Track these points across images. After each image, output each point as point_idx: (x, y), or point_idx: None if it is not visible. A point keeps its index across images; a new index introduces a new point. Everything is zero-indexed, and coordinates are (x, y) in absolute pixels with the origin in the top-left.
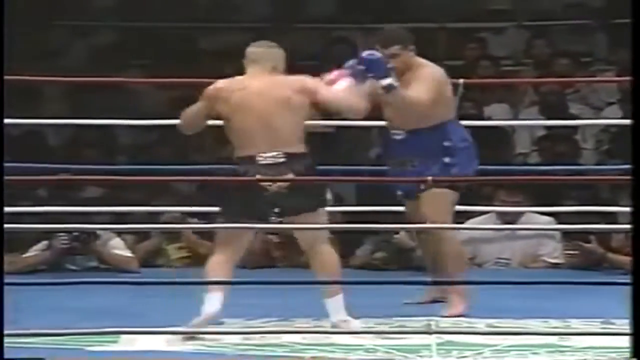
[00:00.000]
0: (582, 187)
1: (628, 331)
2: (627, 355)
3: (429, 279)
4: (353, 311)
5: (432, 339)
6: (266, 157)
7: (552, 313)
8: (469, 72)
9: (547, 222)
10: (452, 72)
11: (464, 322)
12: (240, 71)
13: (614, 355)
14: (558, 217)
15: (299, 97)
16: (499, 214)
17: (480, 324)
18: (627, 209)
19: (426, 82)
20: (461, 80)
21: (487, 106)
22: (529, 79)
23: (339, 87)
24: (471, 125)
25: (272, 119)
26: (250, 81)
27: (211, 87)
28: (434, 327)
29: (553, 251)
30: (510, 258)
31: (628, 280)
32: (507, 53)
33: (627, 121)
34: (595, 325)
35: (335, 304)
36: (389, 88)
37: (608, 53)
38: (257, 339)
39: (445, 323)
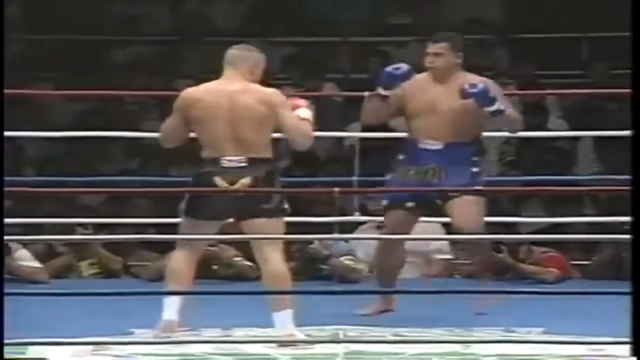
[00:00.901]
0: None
1: (531, 339)
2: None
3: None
4: (260, 320)
5: (340, 348)
6: (229, 160)
7: (456, 322)
8: (373, 85)
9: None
10: (357, 85)
11: (371, 332)
12: (151, 83)
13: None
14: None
15: (261, 107)
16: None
17: (387, 333)
18: (528, 219)
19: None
20: (366, 93)
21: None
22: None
23: (301, 113)
24: (378, 137)
25: (238, 125)
26: (221, 85)
27: (181, 95)
28: (341, 337)
29: (443, 247)
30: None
31: (628, 290)
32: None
33: (530, 133)
34: (497, 334)
35: (284, 318)
36: (495, 114)
37: (509, 67)
38: (166, 349)
39: (353, 332)
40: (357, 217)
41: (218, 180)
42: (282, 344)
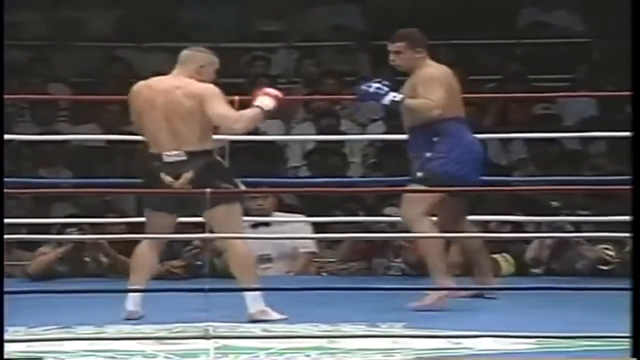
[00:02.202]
0: (350, 198)
1: (395, 333)
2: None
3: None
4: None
5: (210, 344)
6: (169, 155)
7: (322, 318)
8: (247, 90)
9: (303, 225)
10: (227, 89)
11: (240, 327)
12: (24, 87)
13: None
14: (328, 226)
15: (190, 101)
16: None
17: (256, 329)
18: (394, 218)
19: (429, 84)
20: (236, 98)
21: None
22: (302, 96)
23: (257, 101)
24: (245, 140)
25: (173, 119)
26: (160, 82)
27: (136, 86)
28: (211, 332)
29: (310, 245)
30: (271, 253)
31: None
32: (279, 72)
33: (392, 136)
34: (361, 329)
35: (252, 295)
36: (392, 105)
37: (370, 72)
38: (38, 346)
39: (223, 328)
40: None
41: (163, 176)
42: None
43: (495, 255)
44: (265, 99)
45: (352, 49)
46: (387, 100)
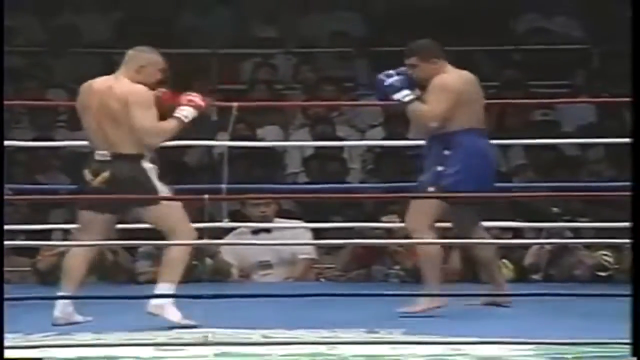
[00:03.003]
0: (350, 204)
1: (394, 339)
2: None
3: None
4: (134, 324)
5: (210, 350)
6: (99, 154)
7: (321, 324)
8: (246, 96)
9: (304, 232)
10: (225, 95)
11: (240, 334)
12: (21, 93)
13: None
14: (327, 232)
15: (117, 105)
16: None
17: (256, 335)
18: (392, 225)
19: (437, 93)
20: (235, 104)
21: (259, 128)
22: (300, 102)
23: (178, 111)
24: (245, 146)
25: (103, 120)
26: (99, 82)
27: (85, 83)
28: (211, 339)
29: (310, 252)
30: (270, 260)
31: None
32: (277, 78)
33: (392, 142)
34: (360, 335)
35: (160, 288)
36: (401, 103)
37: (369, 78)
38: (36, 353)
39: (222, 335)
40: (226, 224)
41: (85, 172)
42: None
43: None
44: (186, 110)
45: (351, 55)
46: (397, 96)
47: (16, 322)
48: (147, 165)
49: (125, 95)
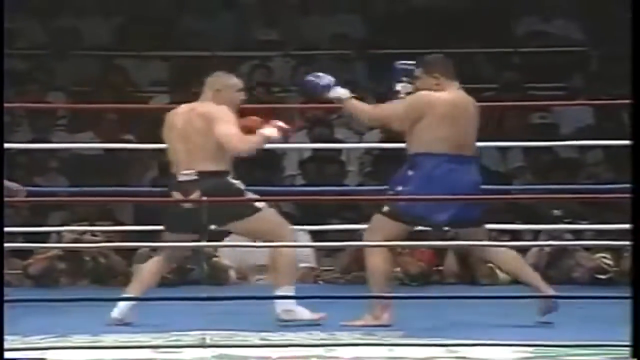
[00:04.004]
0: (348, 207)
1: (391, 342)
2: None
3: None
4: (131, 327)
5: (208, 353)
6: (184, 174)
7: (319, 326)
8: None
9: (305, 239)
10: None
11: (237, 336)
12: (20, 96)
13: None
14: (325, 234)
15: (201, 122)
16: None
17: (253, 337)
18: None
19: (402, 102)
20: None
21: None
22: (298, 105)
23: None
24: None
25: (189, 139)
26: (185, 107)
27: (169, 113)
28: (208, 341)
29: (308, 259)
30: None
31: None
32: (275, 80)
33: (390, 145)
34: (358, 337)
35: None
36: (336, 99)
37: (368, 81)
38: (35, 354)
39: (220, 337)
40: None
41: (174, 194)
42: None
43: (491, 265)
44: (271, 130)
45: (351, 57)
46: (333, 94)
47: (14, 324)
48: (234, 181)
49: (208, 113)
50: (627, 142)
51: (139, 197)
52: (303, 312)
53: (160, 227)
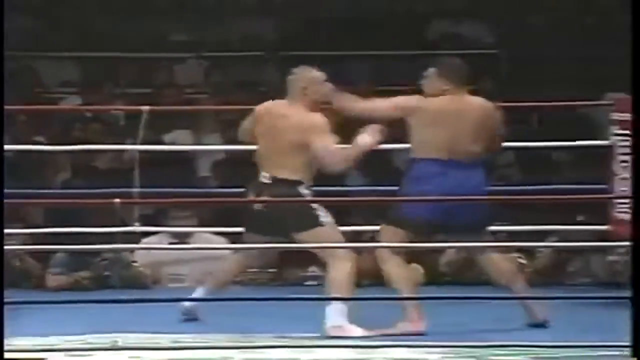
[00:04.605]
0: None
1: (306, 343)
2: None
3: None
4: (41, 330)
5: (122, 356)
6: (263, 176)
7: (233, 328)
8: (155, 100)
9: (220, 243)
10: (139, 100)
11: (150, 339)
12: None
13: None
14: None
15: (294, 130)
16: (172, 233)
17: (165, 340)
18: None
19: (391, 99)
20: (146, 107)
21: (170, 133)
22: (212, 106)
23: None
24: (155, 150)
25: (273, 145)
26: (276, 108)
27: (259, 106)
28: (120, 344)
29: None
30: (185, 274)
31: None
32: (188, 82)
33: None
34: (272, 339)
35: (332, 310)
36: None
37: (280, 82)
38: None
39: (132, 339)
40: (136, 228)
41: (249, 193)
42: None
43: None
44: (367, 138)
45: (264, 59)
46: None
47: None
48: (305, 191)
49: (301, 123)
50: (537, 144)
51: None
52: (355, 330)
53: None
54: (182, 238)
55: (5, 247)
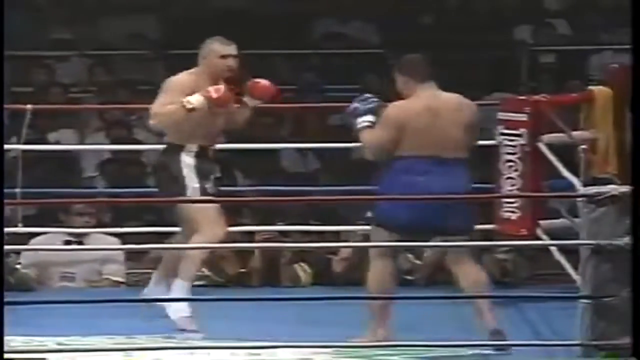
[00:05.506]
0: (148, 209)
1: (193, 344)
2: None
3: None
4: None
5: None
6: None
7: (118, 330)
8: (37, 99)
9: (113, 243)
10: (20, 99)
11: (34, 341)
12: None
13: None
14: (124, 237)
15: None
16: (67, 233)
17: (50, 342)
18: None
19: (380, 124)
20: (29, 106)
21: (54, 132)
22: (97, 105)
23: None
24: (38, 150)
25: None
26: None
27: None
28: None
29: (117, 271)
30: (76, 272)
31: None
32: (72, 80)
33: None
34: (158, 340)
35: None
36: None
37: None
38: None
39: (15, 342)
40: (20, 229)
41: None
42: None
43: (294, 265)
44: (194, 97)
45: (148, 57)
46: (357, 122)
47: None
48: (188, 158)
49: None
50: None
51: None
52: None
53: None
54: (77, 237)
55: None
